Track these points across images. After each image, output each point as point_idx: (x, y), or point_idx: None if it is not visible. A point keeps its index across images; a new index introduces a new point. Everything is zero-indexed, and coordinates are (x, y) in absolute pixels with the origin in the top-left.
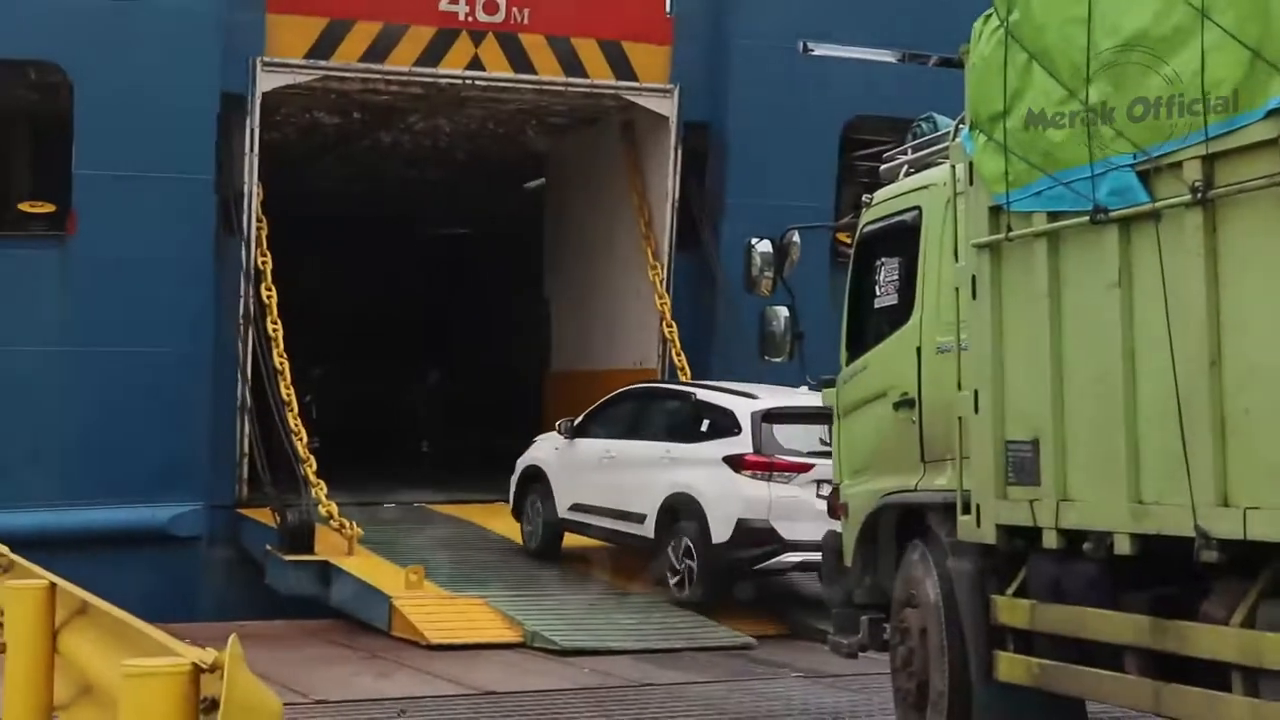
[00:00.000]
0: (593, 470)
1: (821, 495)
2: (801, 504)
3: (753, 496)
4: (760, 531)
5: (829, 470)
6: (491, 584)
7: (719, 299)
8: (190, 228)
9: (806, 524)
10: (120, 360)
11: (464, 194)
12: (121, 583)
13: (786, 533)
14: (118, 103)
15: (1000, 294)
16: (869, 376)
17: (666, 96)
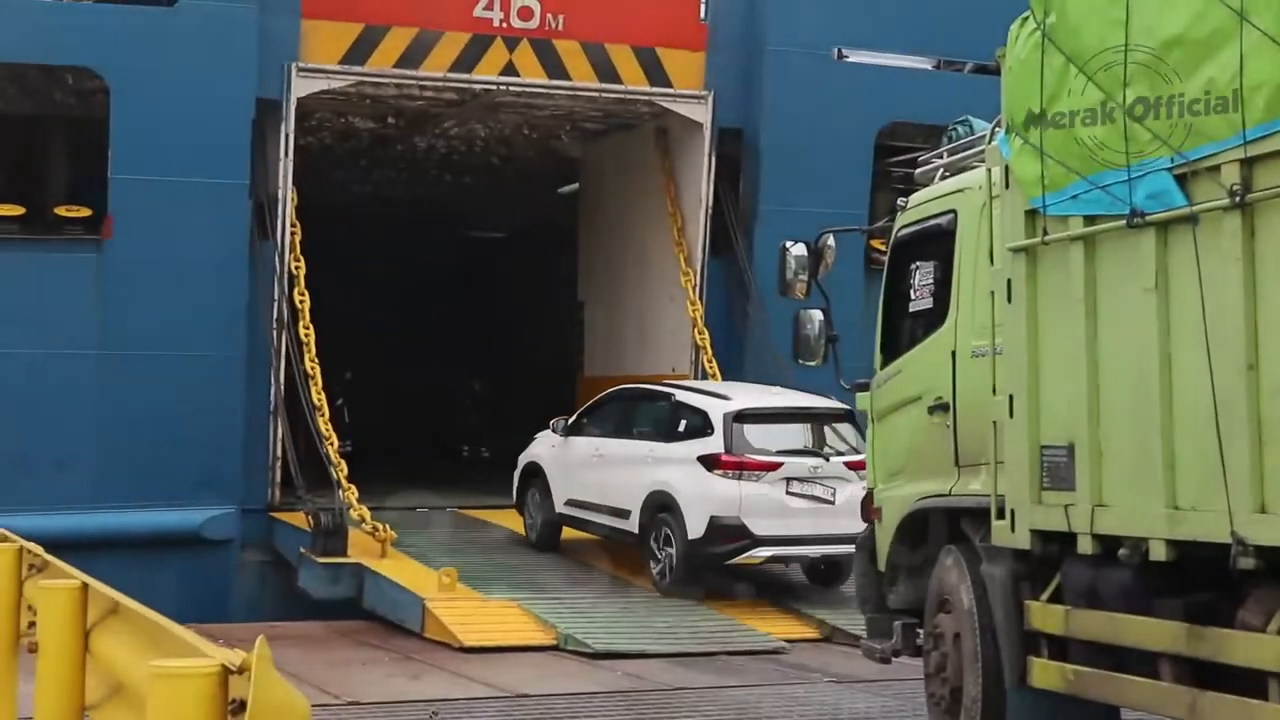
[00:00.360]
0: (585, 467)
1: (791, 492)
2: (771, 501)
3: (724, 495)
4: (732, 528)
5: (798, 468)
6: (524, 587)
7: (752, 305)
8: (224, 232)
9: (776, 520)
10: (154, 364)
11: (499, 198)
12: (155, 585)
13: (757, 528)
14: (154, 108)
15: (1036, 298)
16: (903, 381)
17: (700, 103)
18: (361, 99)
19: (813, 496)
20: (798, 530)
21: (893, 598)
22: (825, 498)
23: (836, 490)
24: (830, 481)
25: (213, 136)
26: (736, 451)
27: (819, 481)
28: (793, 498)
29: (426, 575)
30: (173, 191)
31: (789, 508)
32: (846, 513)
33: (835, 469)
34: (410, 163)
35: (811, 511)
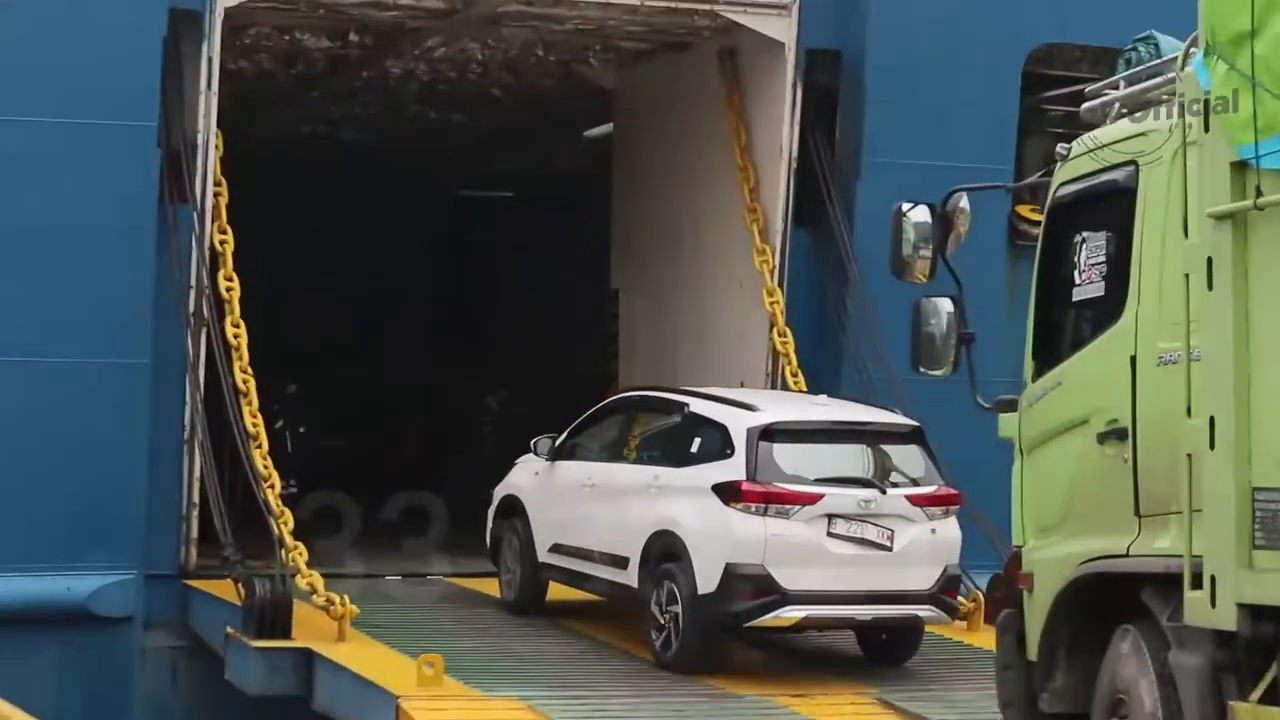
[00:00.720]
0: (574, 501)
1: (835, 534)
2: (807, 545)
3: (744, 536)
4: (752, 579)
5: (844, 502)
6: (535, 680)
7: (852, 295)
8: (123, 194)
9: (814, 570)
10: (25, 374)
11: (502, 144)
12: (27, 677)
13: (787, 581)
14: (26, 23)
15: (1247, 282)
16: (1064, 397)
17: (783, 15)
18: (313, 7)
19: (863, 540)
20: (842, 585)
21: (1048, 698)
22: (880, 542)
23: (895, 533)
24: (887, 521)
25: (108, 61)
26: (762, 479)
27: (872, 521)
28: (836, 540)
29: (401, 664)
30: (52, 137)
31: (831, 554)
32: (909, 562)
33: (894, 504)
34: (380, 96)
35: (861, 560)
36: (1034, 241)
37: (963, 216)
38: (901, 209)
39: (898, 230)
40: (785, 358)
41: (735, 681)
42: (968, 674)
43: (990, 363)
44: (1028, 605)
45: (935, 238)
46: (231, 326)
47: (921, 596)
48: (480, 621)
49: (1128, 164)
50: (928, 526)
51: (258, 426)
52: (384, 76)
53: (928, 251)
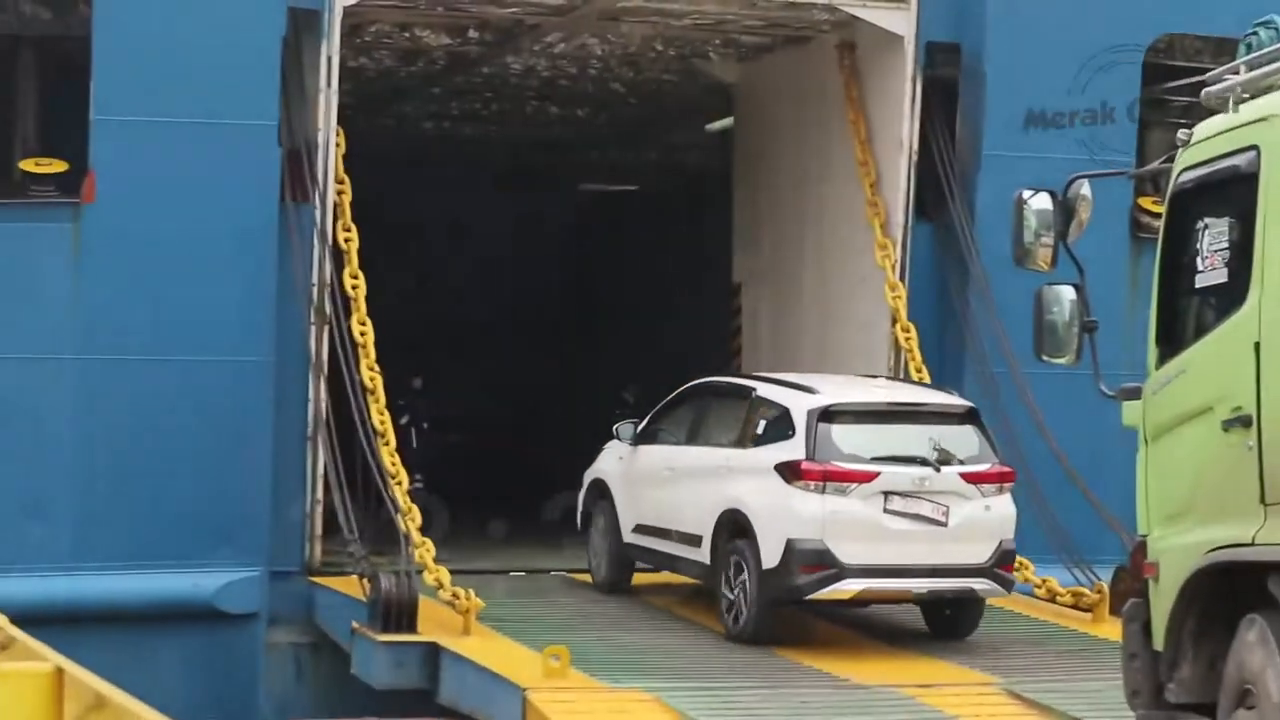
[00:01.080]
0: (654, 484)
1: (891, 510)
2: (864, 521)
3: (804, 513)
4: (812, 554)
5: (899, 480)
6: (661, 671)
7: (974, 289)
8: (246, 193)
9: (871, 545)
10: (150, 373)
11: (624, 139)
12: (154, 673)
13: (845, 555)
14: (149, 25)
15: None
16: (1188, 384)
17: (901, 8)
18: (432, 4)
19: (918, 516)
20: (898, 559)
21: (1174, 688)
22: (934, 518)
23: (950, 509)
24: (942, 498)
25: (230, 61)
26: (821, 458)
27: (926, 497)
28: (892, 517)
29: (527, 657)
30: (175, 137)
31: (887, 530)
32: (963, 538)
33: (949, 482)
34: (501, 92)
35: (917, 535)
36: (1156, 234)
37: (1084, 203)
38: (1023, 196)
39: (1019, 218)
40: (908, 352)
41: (860, 672)
42: (1094, 665)
43: (1113, 357)
44: (1153, 595)
45: (1057, 225)
46: (358, 324)
47: (977, 570)
48: (604, 615)
49: (1249, 149)
50: (982, 503)
51: (385, 424)
52: (504, 72)
53: (1049, 239)
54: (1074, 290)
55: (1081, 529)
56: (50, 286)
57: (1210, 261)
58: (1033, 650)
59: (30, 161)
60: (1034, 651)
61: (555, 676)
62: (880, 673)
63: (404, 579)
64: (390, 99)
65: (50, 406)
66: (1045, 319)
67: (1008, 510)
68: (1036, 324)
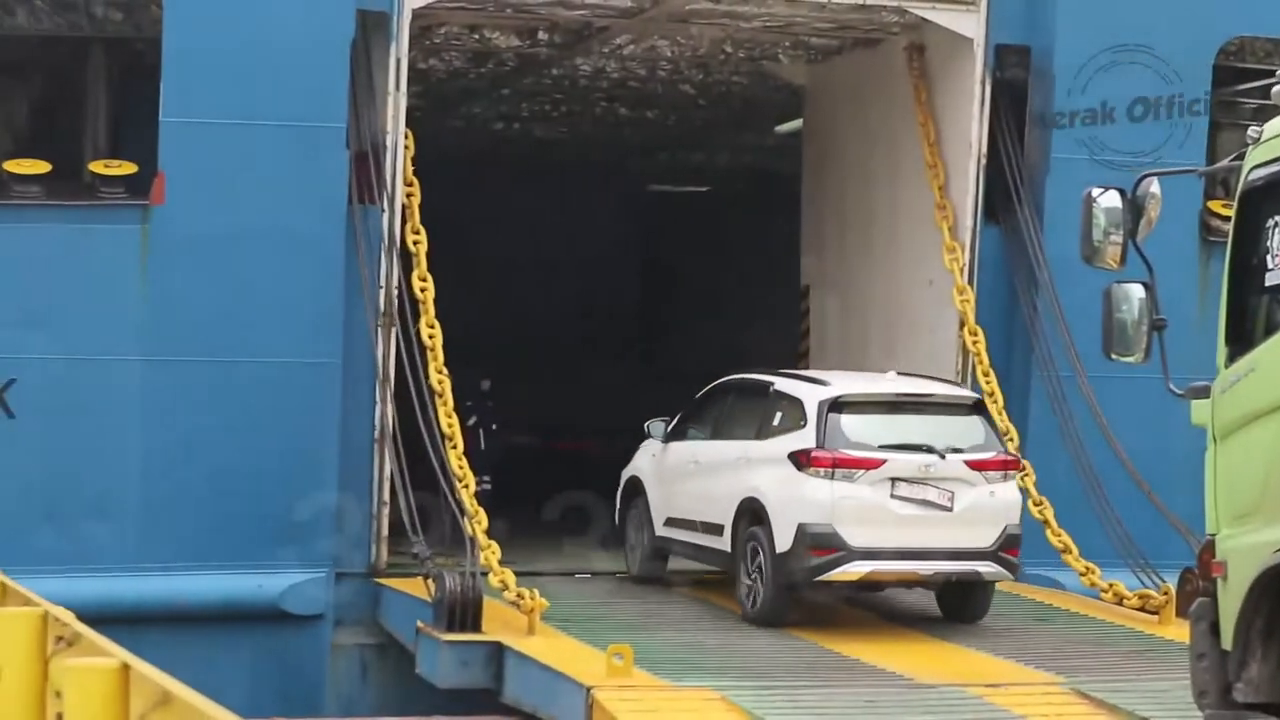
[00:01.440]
0: (683, 478)
1: (897, 496)
2: (871, 505)
3: (814, 498)
4: (822, 537)
5: (906, 466)
6: (726, 670)
7: (1041, 294)
8: (314, 195)
9: (878, 529)
10: (218, 374)
11: (694, 140)
12: (220, 673)
13: (852, 539)
14: (218, 26)
15: None
16: (1258, 383)
17: (971, 10)
18: (501, 7)
19: (924, 501)
20: (904, 542)
21: (1242, 687)
22: (940, 503)
23: (955, 494)
24: (947, 484)
25: (299, 63)
26: (830, 446)
27: (932, 483)
28: (899, 502)
29: (590, 656)
30: (244, 139)
31: (894, 514)
32: (968, 522)
33: (954, 468)
34: (571, 93)
35: (923, 520)
36: (1223, 240)
37: (1154, 201)
38: (1092, 194)
39: (1088, 216)
40: (975, 356)
41: (925, 671)
42: (1160, 665)
43: (1182, 362)
44: (1221, 594)
45: (1126, 223)
46: (426, 327)
47: (981, 553)
48: (668, 615)
49: None
50: (987, 489)
51: (453, 427)
52: (574, 74)
53: (1118, 237)
54: (1143, 288)
55: (1148, 534)
56: (119, 288)
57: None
58: (1098, 651)
59: (100, 163)
60: (1100, 652)
61: (619, 675)
62: (945, 672)
63: (469, 579)
64: (460, 100)
65: (118, 407)
66: (1114, 317)
67: (1012, 496)
68: (1105, 322)
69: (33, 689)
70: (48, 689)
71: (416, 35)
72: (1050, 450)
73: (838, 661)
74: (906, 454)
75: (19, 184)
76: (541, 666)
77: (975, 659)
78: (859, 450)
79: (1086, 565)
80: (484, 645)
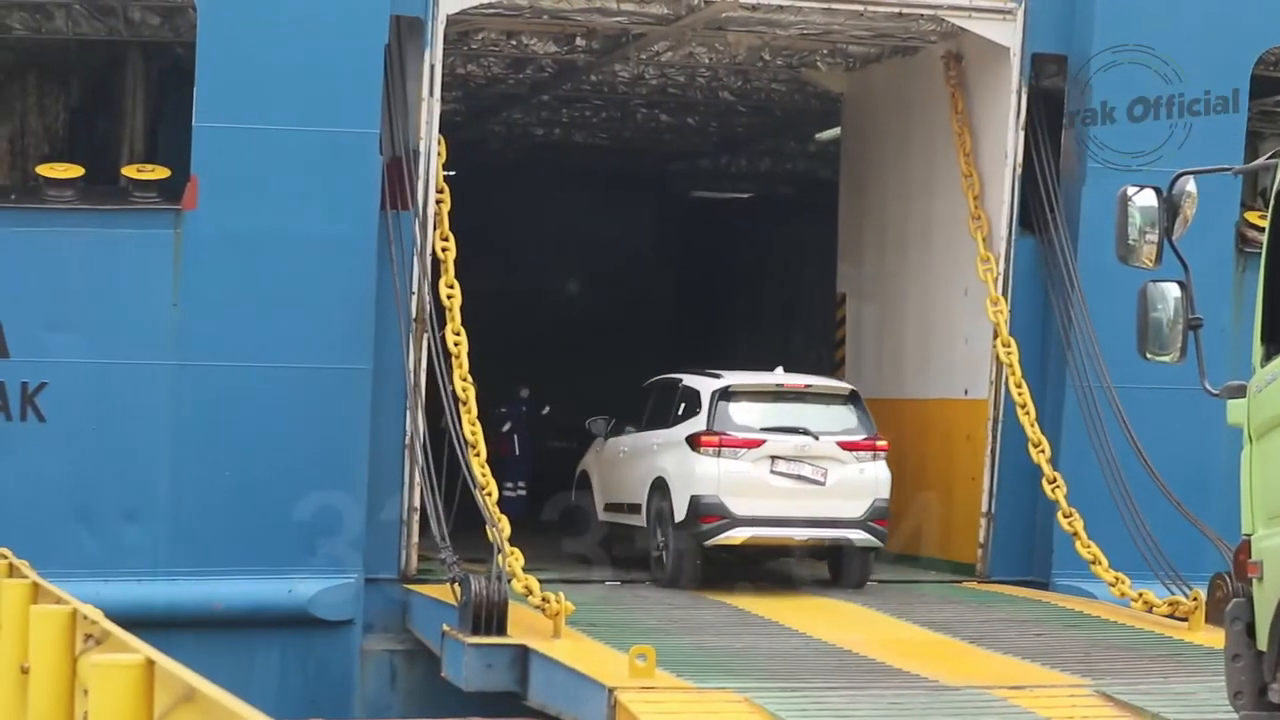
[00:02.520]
0: (615, 467)
1: (776, 471)
2: (753, 479)
3: (704, 474)
4: (710, 506)
5: (783, 446)
6: (749, 672)
7: (1075, 304)
8: (346, 201)
9: (758, 499)
10: (250, 380)
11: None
12: (250, 676)
13: (736, 508)
14: (252, 32)
15: None
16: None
17: (1008, 19)
18: (538, 13)
19: (800, 476)
20: (783, 512)
21: (1277, 688)
22: (813, 478)
23: (828, 471)
24: (820, 461)
25: (330, 69)
26: (719, 429)
27: (807, 461)
28: (777, 477)
29: (614, 658)
30: (277, 145)
31: (773, 487)
32: (839, 495)
33: (826, 448)
34: (610, 100)
35: (799, 492)
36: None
37: (1189, 200)
38: (1127, 193)
39: (1123, 215)
40: (1009, 366)
41: (948, 673)
42: (1188, 668)
43: (1218, 371)
44: (1257, 594)
45: (1162, 222)
46: (452, 334)
47: (852, 522)
48: (693, 620)
49: None
50: (857, 467)
51: (476, 434)
52: (612, 81)
53: (1154, 236)
54: (1179, 288)
55: (1181, 548)
56: (151, 292)
57: None
58: (1125, 655)
59: (133, 168)
60: (1126, 656)
61: (642, 676)
62: (968, 674)
63: (494, 582)
64: (499, 106)
65: (150, 411)
66: (1150, 316)
67: (881, 474)
68: (1140, 321)
69: (62, 686)
70: (76, 687)
71: (454, 41)
72: (1083, 462)
73: (863, 664)
74: (784, 435)
75: (53, 188)
76: (565, 669)
77: (1000, 662)
78: (743, 433)
79: (1116, 575)
80: (508, 648)
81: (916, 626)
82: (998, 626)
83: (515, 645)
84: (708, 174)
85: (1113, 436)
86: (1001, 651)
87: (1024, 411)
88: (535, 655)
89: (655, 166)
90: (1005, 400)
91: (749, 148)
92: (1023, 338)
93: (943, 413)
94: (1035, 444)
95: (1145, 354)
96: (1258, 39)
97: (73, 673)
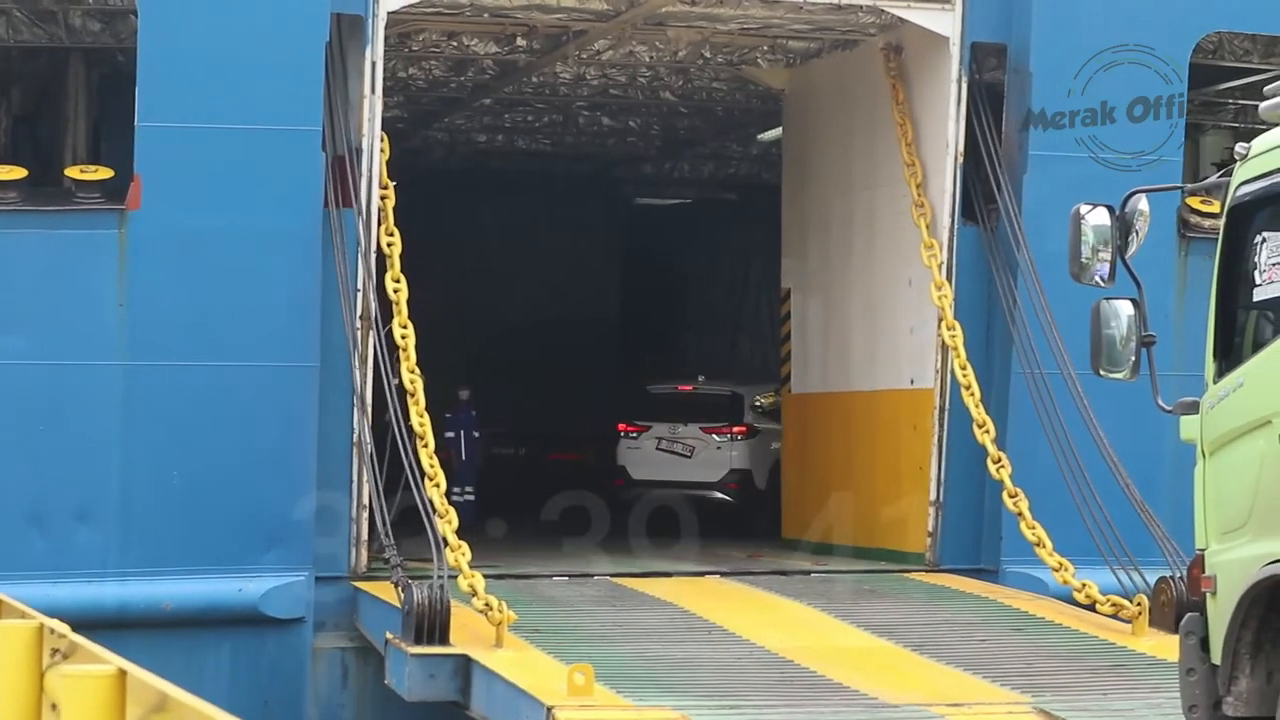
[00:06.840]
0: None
1: (660, 448)
2: (645, 454)
3: (620, 450)
4: (619, 471)
5: (663, 431)
6: (689, 688)
7: (1020, 287)
8: (290, 199)
9: (649, 467)
10: (196, 378)
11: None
12: (200, 676)
13: (635, 474)
14: (194, 32)
15: None
16: (1246, 397)
17: (947, 9)
18: (478, 12)
19: (674, 452)
20: (664, 476)
21: (1232, 701)
22: (683, 453)
23: (696, 448)
24: (689, 440)
25: (273, 67)
26: (630, 421)
27: (680, 440)
28: (661, 452)
29: (554, 671)
30: (220, 143)
31: (658, 459)
32: (702, 464)
33: (692, 432)
34: (552, 103)
35: (675, 463)
36: (1203, 233)
37: (1142, 219)
38: (1080, 211)
39: (1076, 233)
40: (955, 351)
41: (890, 688)
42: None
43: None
44: (1211, 608)
45: (1115, 240)
46: (399, 327)
47: (710, 484)
48: (638, 625)
49: None
50: (715, 444)
51: (424, 426)
52: (554, 82)
53: (1107, 254)
54: (1132, 305)
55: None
56: (97, 293)
57: (1269, 275)
58: (1067, 665)
59: (76, 169)
60: (1068, 668)
61: (580, 694)
62: (909, 688)
63: (436, 590)
64: (441, 110)
65: (98, 412)
66: (1103, 334)
67: (736, 450)
68: (1094, 339)
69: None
70: (43, 702)
71: (395, 43)
72: (1031, 443)
73: (803, 677)
74: (666, 423)
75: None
76: (505, 683)
77: (944, 675)
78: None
79: (1060, 560)
80: (450, 658)
81: (861, 631)
82: (942, 630)
83: (458, 655)
84: (650, 180)
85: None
86: (944, 661)
87: (969, 393)
88: (477, 666)
89: (600, 171)
90: (952, 389)
91: (692, 150)
92: (967, 323)
93: (889, 403)
94: (980, 424)
95: (1099, 370)
96: (1195, 24)
97: (39, 688)
